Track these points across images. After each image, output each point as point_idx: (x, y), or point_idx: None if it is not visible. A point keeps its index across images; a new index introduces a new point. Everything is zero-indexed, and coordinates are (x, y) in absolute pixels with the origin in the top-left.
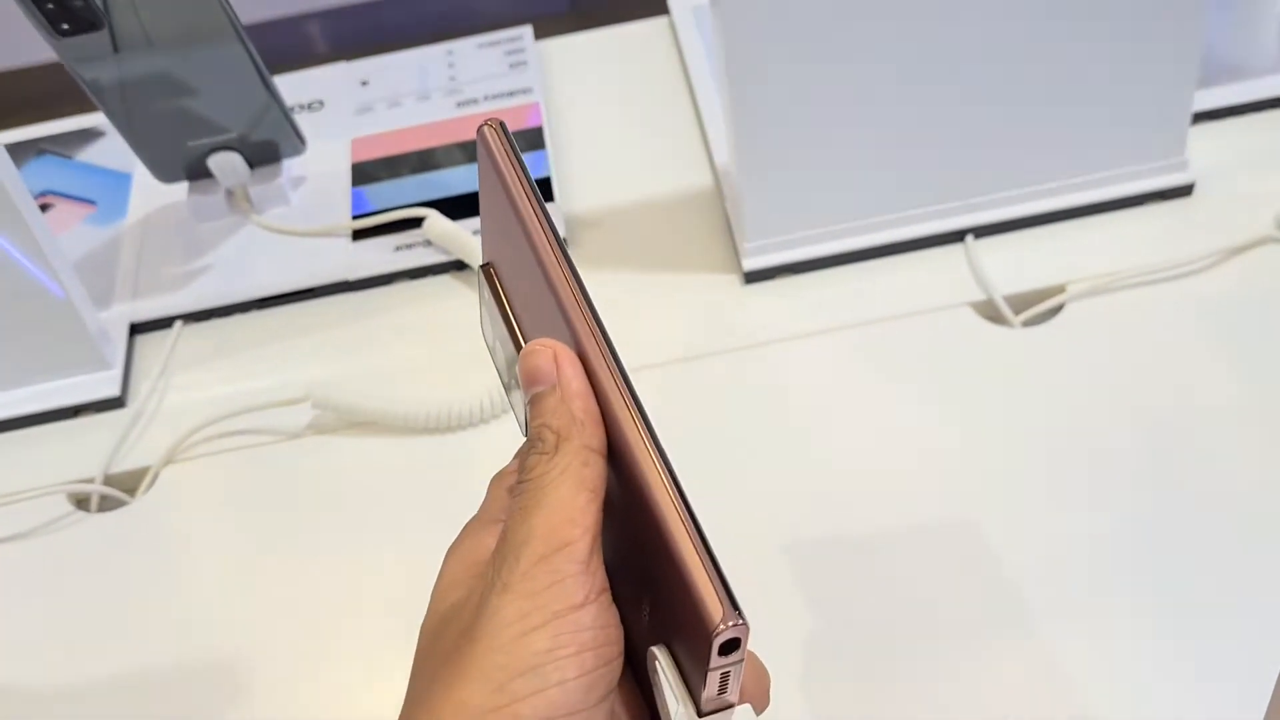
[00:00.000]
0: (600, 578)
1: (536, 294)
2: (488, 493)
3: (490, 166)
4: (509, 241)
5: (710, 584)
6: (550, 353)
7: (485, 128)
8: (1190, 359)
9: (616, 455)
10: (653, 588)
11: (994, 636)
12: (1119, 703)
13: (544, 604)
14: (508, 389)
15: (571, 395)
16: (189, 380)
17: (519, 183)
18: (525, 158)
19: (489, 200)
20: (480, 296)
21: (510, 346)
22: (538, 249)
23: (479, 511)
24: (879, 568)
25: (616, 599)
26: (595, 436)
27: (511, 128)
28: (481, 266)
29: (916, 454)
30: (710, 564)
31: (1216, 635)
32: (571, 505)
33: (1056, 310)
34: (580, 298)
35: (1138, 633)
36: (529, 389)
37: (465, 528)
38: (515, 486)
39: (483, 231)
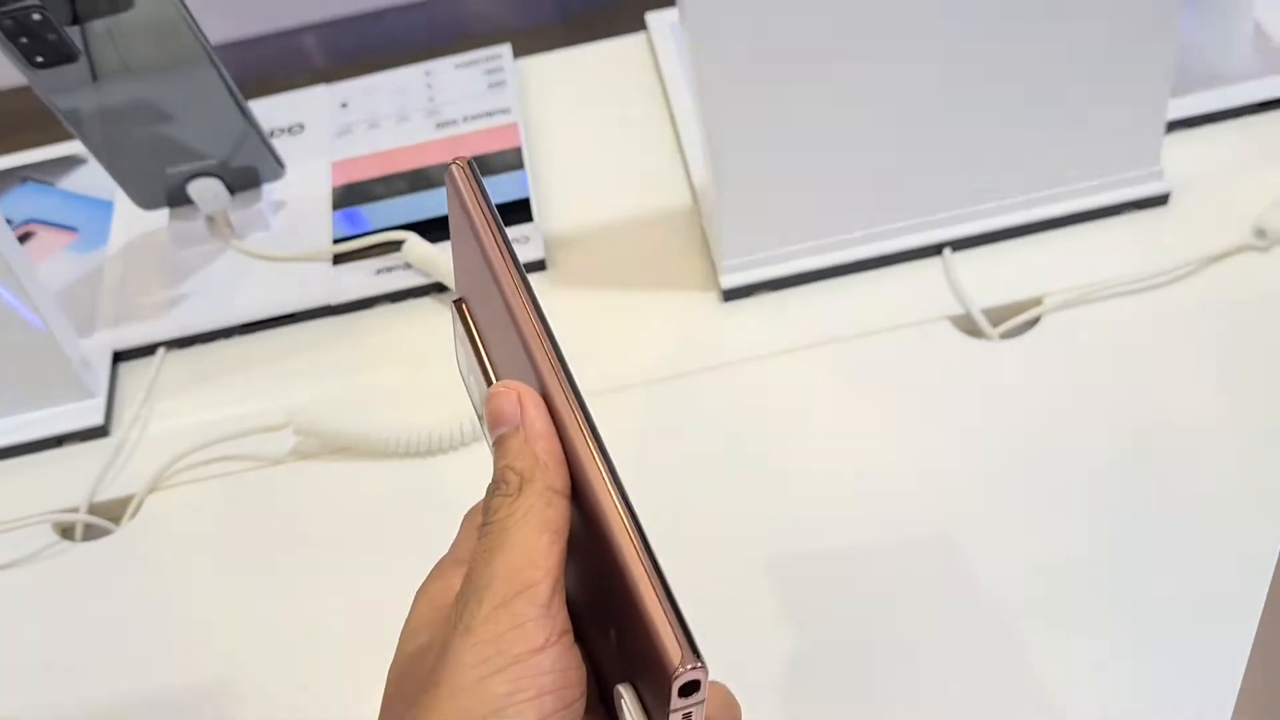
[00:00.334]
0: (561, 620)
1: (504, 332)
2: (460, 530)
3: (459, 204)
4: (477, 278)
5: (669, 627)
6: (514, 395)
7: (454, 166)
8: (1169, 369)
9: (580, 495)
10: (617, 625)
11: (975, 651)
12: (1097, 714)
13: (504, 648)
14: (481, 421)
15: (535, 437)
16: (172, 407)
17: (485, 221)
18: (504, 177)
19: (458, 237)
20: (454, 330)
21: (482, 380)
22: (503, 288)
23: (449, 550)
24: (859, 583)
25: (583, 634)
26: (558, 478)
27: (490, 148)
28: (454, 301)
29: (896, 468)
30: (669, 606)
31: (1195, 643)
32: (534, 547)
33: (1034, 322)
34: (544, 338)
35: (1117, 643)
36: (493, 430)
37: (435, 568)
38: (480, 528)
39: (454, 267)
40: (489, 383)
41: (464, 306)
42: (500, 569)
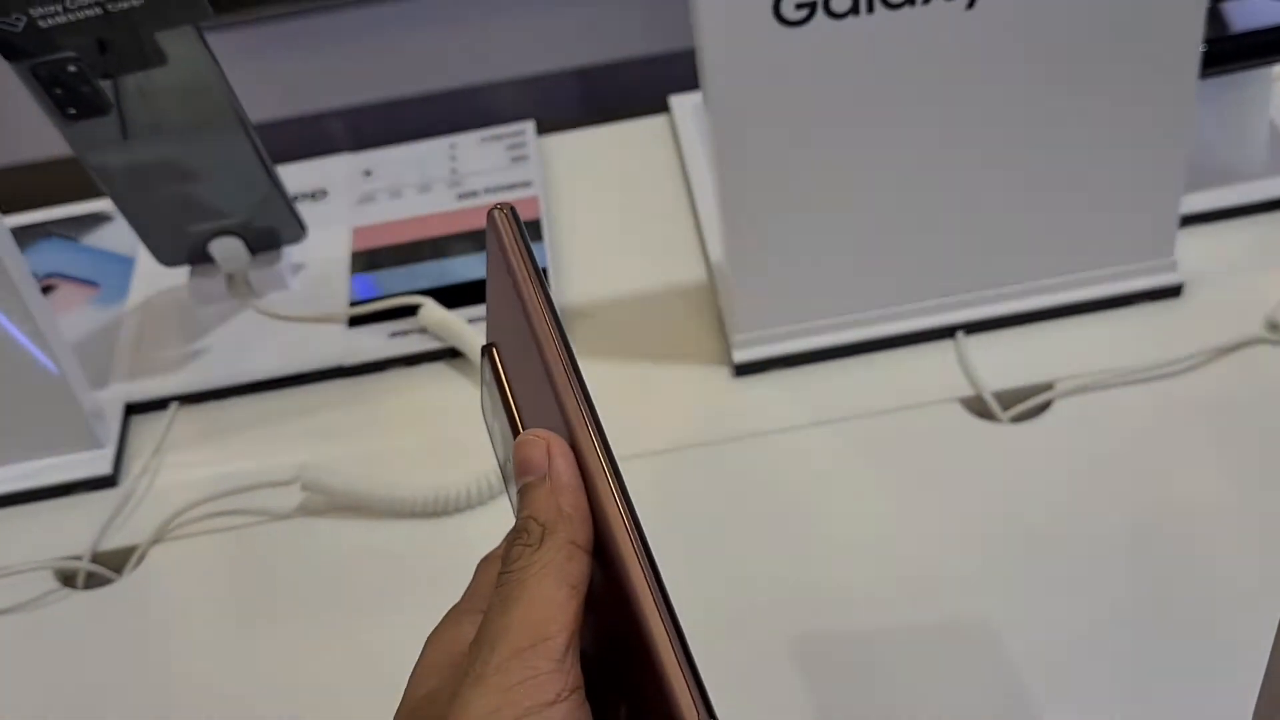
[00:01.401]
0: (574, 676)
1: (535, 381)
2: (474, 576)
3: (498, 250)
4: (512, 326)
5: (687, 691)
6: (544, 444)
7: (495, 211)
8: (1178, 459)
9: (603, 551)
10: (630, 685)
11: None
12: None
13: (515, 699)
14: (504, 471)
15: (561, 488)
16: (181, 460)
17: (524, 268)
18: None
19: (495, 283)
20: (481, 377)
21: (508, 430)
22: (538, 337)
23: (463, 596)
24: (865, 661)
25: (594, 689)
26: (581, 532)
27: None
28: (484, 347)
29: (904, 547)
30: (689, 672)
31: None
32: (551, 601)
33: (1044, 407)
34: (577, 390)
35: None
36: (520, 478)
37: (448, 614)
38: (499, 576)
39: (488, 313)
40: (515, 431)
41: (495, 352)
42: (516, 619)
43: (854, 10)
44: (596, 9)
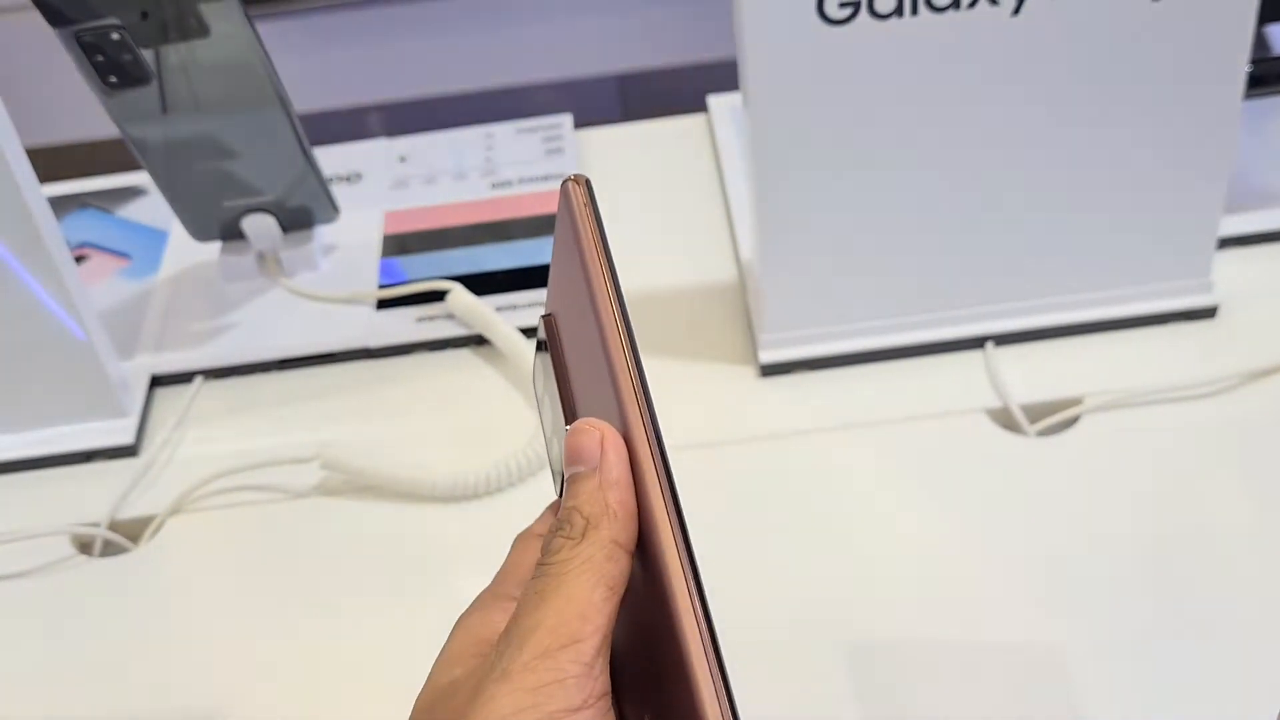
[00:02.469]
0: (603, 682)
1: (593, 361)
2: (509, 555)
3: (568, 222)
4: (574, 301)
5: (715, 702)
6: (598, 435)
7: (570, 182)
8: (1206, 480)
9: (644, 551)
10: (659, 689)
11: None
12: None
13: (540, 701)
14: (549, 443)
15: (610, 484)
16: (203, 434)
17: (594, 246)
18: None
19: (561, 254)
20: (537, 345)
21: (558, 403)
22: (601, 318)
23: (496, 578)
24: (879, 669)
25: (620, 689)
26: (625, 531)
27: (541, 211)
28: (543, 316)
29: (924, 557)
30: (724, 691)
31: None
32: (587, 600)
33: (1072, 422)
34: (636, 379)
35: None
36: (569, 467)
37: (479, 599)
38: (536, 567)
39: (550, 282)
40: (565, 405)
41: (553, 322)
42: (548, 616)
43: (898, 11)
44: (637, 15)
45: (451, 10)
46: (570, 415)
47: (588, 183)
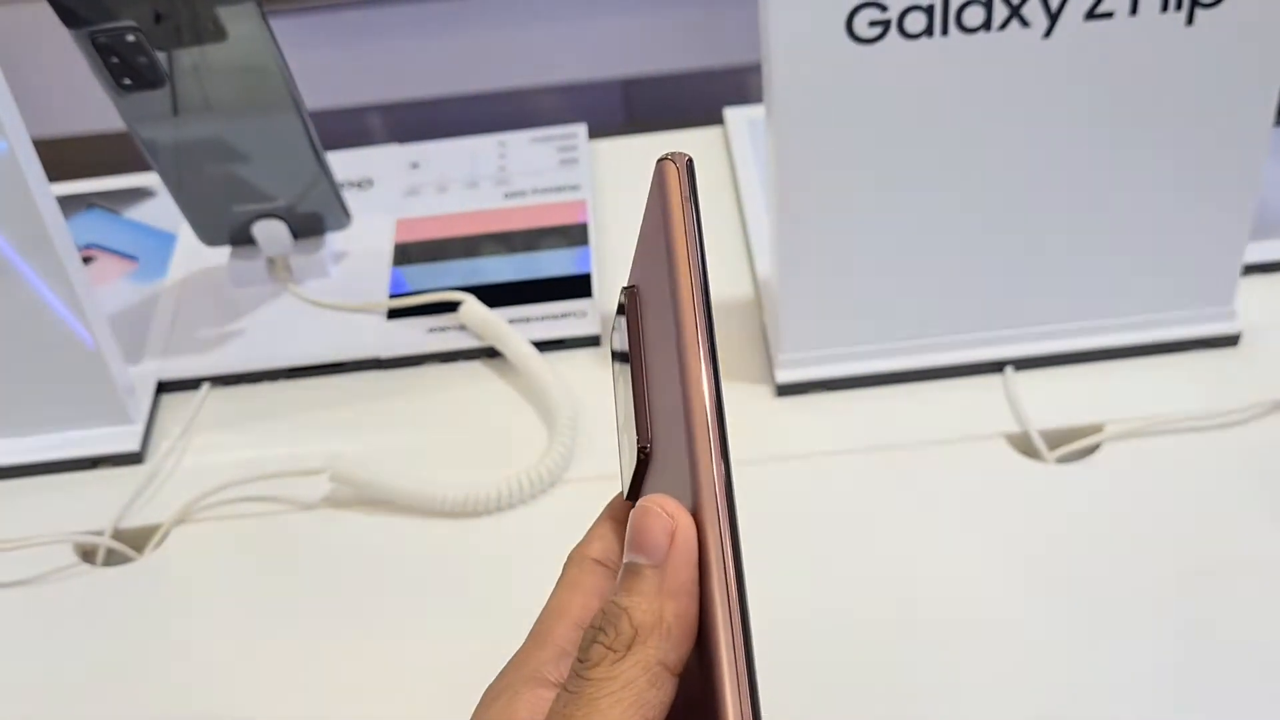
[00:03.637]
0: None
1: (667, 367)
2: (558, 588)
3: (659, 205)
4: (655, 286)
5: None
6: (669, 524)
7: (667, 162)
8: (1227, 509)
9: (698, 644)
10: None
11: None
12: None
13: None
14: (618, 426)
15: (671, 591)
16: (209, 442)
17: (684, 235)
18: (568, 252)
19: (648, 233)
20: (615, 316)
21: (629, 381)
22: (682, 328)
23: (530, 638)
24: (895, 694)
25: None
26: (676, 652)
27: (555, 223)
28: (625, 288)
29: (939, 582)
30: None
31: None
32: None
33: (1092, 449)
34: (715, 421)
35: None
36: (630, 553)
37: (505, 676)
38: (569, 678)
39: (635, 255)
40: (636, 391)
41: (636, 296)
42: None
43: (928, 31)
44: (643, 20)
45: (452, 10)
46: (641, 405)
47: (689, 163)
